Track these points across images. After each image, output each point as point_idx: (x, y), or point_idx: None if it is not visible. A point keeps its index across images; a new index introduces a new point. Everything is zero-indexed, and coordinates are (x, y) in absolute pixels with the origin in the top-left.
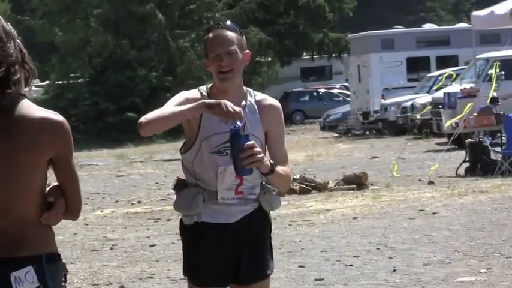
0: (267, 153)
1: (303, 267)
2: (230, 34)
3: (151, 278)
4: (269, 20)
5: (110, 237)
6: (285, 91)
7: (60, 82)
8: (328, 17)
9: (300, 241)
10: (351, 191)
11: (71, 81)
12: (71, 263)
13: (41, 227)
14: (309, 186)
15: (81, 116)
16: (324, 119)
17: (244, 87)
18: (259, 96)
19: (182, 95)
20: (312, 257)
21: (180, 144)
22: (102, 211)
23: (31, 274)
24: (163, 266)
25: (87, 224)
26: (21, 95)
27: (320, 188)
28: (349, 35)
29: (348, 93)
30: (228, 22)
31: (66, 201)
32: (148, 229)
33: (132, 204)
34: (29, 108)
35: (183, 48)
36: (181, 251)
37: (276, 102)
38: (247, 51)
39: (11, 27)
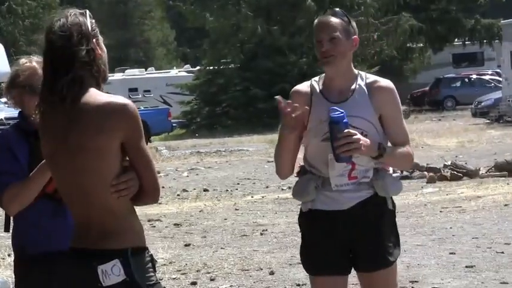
0: (378, 129)
1: (454, 254)
2: (334, 20)
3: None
4: (421, 6)
5: (260, 223)
6: (437, 77)
7: (211, 68)
8: (481, 2)
9: (450, 228)
10: (503, 178)
11: (222, 67)
12: (221, 248)
13: (127, 220)
14: (460, 173)
15: (232, 102)
16: (475, 106)
17: (356, 71)
18: (371, 78)
19: (292, 93)
20: (463, 244)
21: None
22: (252, 196)
23: (117, 267)
24: None
25: (237, 210)
26: (83, 84)
27: (471, 174)
28: (502, 21)
29: (500, 79)
30: (337, 9)
31: (142, 183)
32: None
33: (282, 189)
34: (94, 95)
35: None
36: None
37: (387, 84)
38: (355, 36)
39: (94, 25)
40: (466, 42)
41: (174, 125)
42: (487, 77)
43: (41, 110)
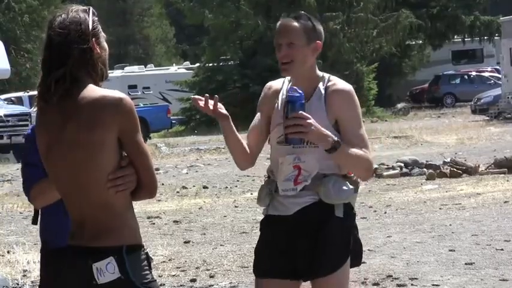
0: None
1: (453, 251)
2: (295, 25)
3: None
4: (420, 3)
5: (259, 220)
6: (436, 74)
7: (210, 65)
8: None
9: (450, 225)
10: (502, 175)
11: (221, 64)
12: (221, 245)
13: (123, 216)
14: (459, 170)
15: (231, 99)
16: (475, 102)
17: (322, 74)
18: (331, 82)
19: (266, 86)
20: (463, 241)
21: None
22: (252, 193)
23: (112, 265)
24: None
25: (237, 207)
26: (80, 81)
27: (471, 171)
28: (501, 18)
29: (500, 76)
30: (301, 12)
31: (138, 178)
32: None
33: None
34: (91, 89)
35: (333, 30)
36: None
37: (344, 86)
38: (318, 41)
39: (95, 23)
40: (466, 39)
41: (173, 122)
42: (486, 74)
43: (38, 106)
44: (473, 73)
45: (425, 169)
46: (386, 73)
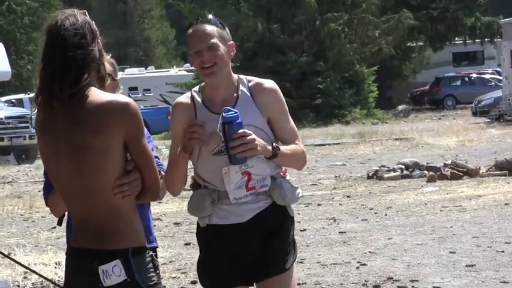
0: (269, 135)
1: (454, 253)
2: (209, 28)
3: (301, 262)
4: (421, 5)
5: None
6: (437, 76)
7: None
8: (480, 1)
9: (451, 227)
10: (503, 177)
11: None
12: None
13: (128, 219)
14: (460, 172)
15: None
16: (475, 104)
17: (236, 76)
18: (253, 81)
19: (175, 105)
20: (463, 243)
21: (331, 128)
22: None
23: (118, 268)
24: (313, 251)
25: None
26: (89, 85)
27: (471, 173)
28: (502, 20)
29: (500, 78)
30: (210, 16)
31: (143, 181)
32: (298, 214)
33: None
34: (96, 94)
35: (334, 31)
36: (327, 237)
37: (269, 84)
38: (231, 42)
39: (95, 26)
40: (467, 41)
41: None
42: (487, 76)
43: (40, 108)
44: (474, 75)
45: (426, 171)
46: (387, 75)
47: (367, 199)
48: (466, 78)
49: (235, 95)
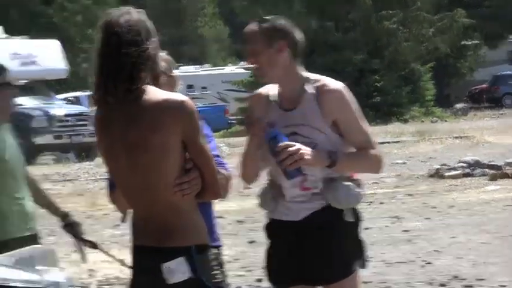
0: (333, 138)
1: None
2: (255, 30)
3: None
4: (475, 2)
5: None
6: (494, 74)
7: None
8: None
9: None
10: None
11: None
12: None
13: (189, 217)
14: None
15: None
16: None
17: (304, 74)
18: (320, 82)
19: (254, 95)
20: None
21: (390, 127)
22: None
23: (182, 265)
24: (378, 250)
25: None
26: (145, 82)
27: None
28: None
29: None
30: (268, 18)
31: (202, 180)
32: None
33: None
34: (153, 92)
35: (390, 29)
36: (391, 236)
37: (335, 86)
38: (281, 40)
39: (151, 24)
40: None
41: (231, 122)
42: None
43: (98, 105)
44: None
45: (487, 170)
46: (444, 73)
47: (429, 198)
48: None
49: (300, 94)
